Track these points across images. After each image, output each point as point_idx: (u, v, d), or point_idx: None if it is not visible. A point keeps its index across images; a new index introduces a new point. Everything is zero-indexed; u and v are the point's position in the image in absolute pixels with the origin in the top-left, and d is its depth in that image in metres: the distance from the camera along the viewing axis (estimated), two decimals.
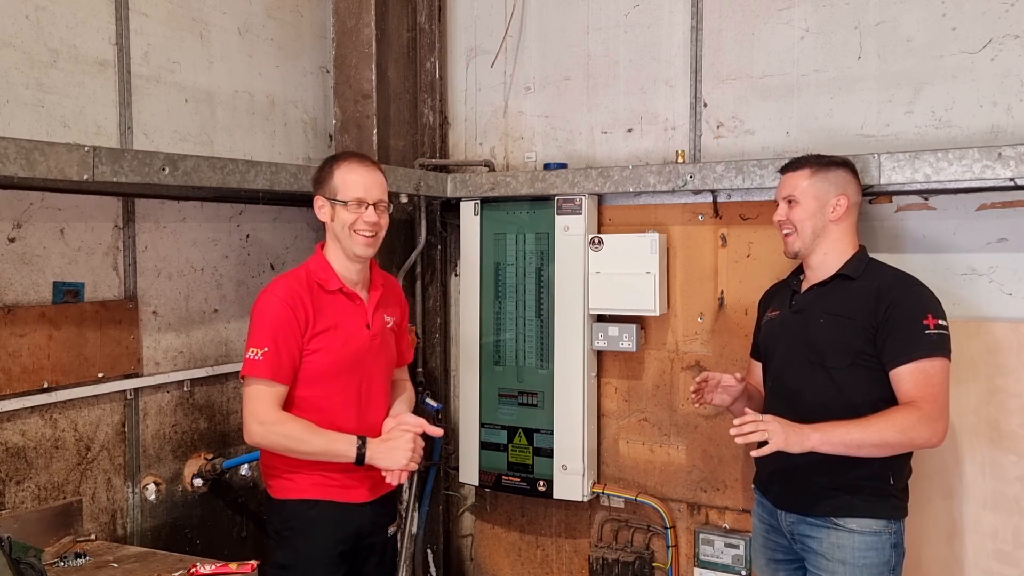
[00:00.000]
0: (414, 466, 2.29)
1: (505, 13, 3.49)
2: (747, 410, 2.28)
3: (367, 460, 2.23)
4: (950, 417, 2.22)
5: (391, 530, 2.50)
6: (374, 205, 2.30)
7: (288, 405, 2.26)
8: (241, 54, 3.02)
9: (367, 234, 2.29)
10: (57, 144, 2.13)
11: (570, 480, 3.22)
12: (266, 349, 2.19)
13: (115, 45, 2.58)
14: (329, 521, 2.30)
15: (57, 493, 2.43)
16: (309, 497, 2.28)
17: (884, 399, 2.23)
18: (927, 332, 2.20)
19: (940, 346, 2.20)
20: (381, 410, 2.42)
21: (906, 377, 2.20)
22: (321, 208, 2.33)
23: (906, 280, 2.33)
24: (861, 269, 2.35)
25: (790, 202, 2.39)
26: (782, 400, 2.39)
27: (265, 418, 2.19)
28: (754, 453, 2.18)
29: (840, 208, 2.35)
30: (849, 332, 2.28)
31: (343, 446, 2.23)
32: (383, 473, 2.28)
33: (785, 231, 2.41)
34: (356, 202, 2.28)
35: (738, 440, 2.17)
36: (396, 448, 2.27)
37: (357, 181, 2.30)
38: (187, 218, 2.84)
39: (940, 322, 2.22)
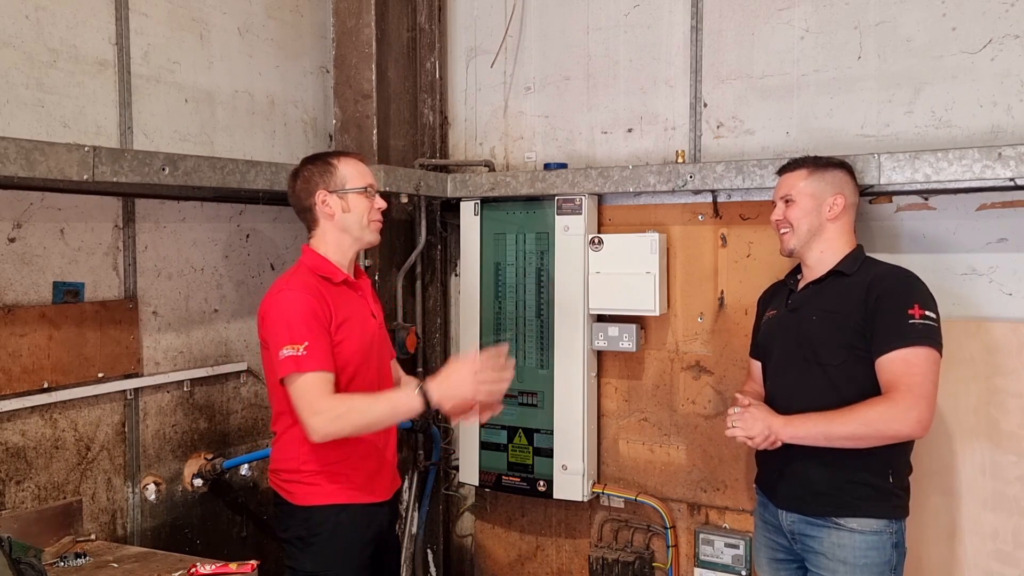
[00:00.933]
0: (483, 396, 2.14)
1: (505, 13, 3.49)
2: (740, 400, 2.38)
3: (435, 402, 2.10)
4: (937, 410, 2.20)
5: (396, 527, 2.56)
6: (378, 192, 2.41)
7: None
8: (241, 54, 3.02)
9: (379, 220, 2.38)
10: (57, 144, 2.13)
11: (570, 480, 3.22)
12: (307, 343, 2.13)
13: (115, 45, 2.58)
14: (357, 524, 2.29)
15: (57, 493, 2.43)
16: (337, 502, 2.26)
17: (879, 393, 2.23)
18: (911, 322, 2.18)
19: (925, 335, 2.18)
20: None
21: (886, 367, 2.19)
22: (324, 202, 2.30)
23: (897, 273, 2.33)
24: (856, 266, 2.35)
25: (787, 202, 2.40)
26: (779, 398, 2.40)
27: (326, 407, 2.11)
28: (728, 432, 2.34)
29: (837, 207, 2.36)
30: (842, 328, 2.28)
31: (404, 399, 2.14)
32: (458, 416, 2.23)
33: (782, 230, 2.43)
34: (371, 187, 2.36)
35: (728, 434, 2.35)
36: (459, 382, 2.11)
37: (363, 169, 2.38)
38: (187, 218, 2.84)
39: (927, 312, 2.21)
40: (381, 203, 2.38)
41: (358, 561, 2.29)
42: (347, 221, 2.31)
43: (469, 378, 2.11)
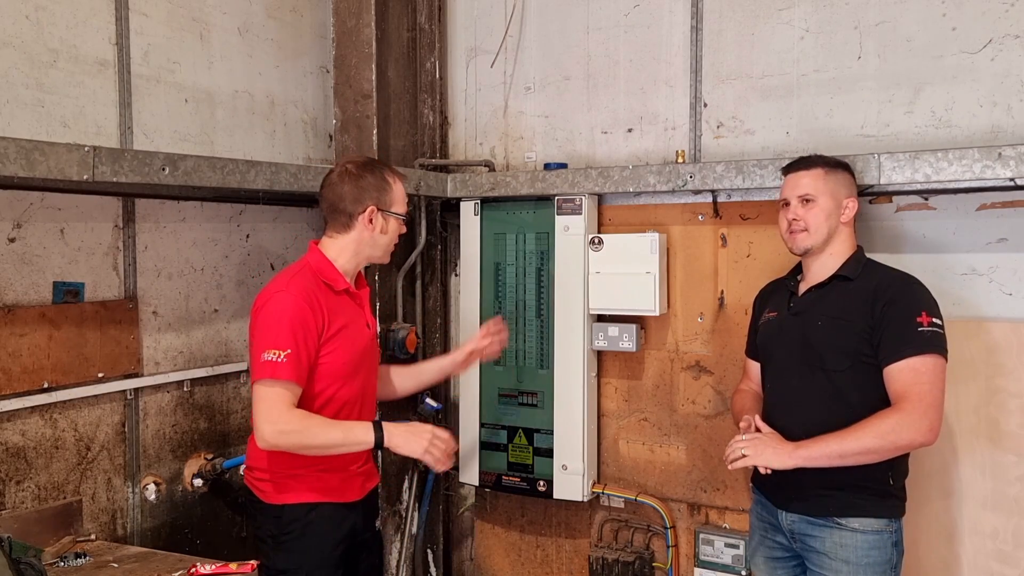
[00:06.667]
0: (429, 458, 2.25)
1: (505, 13, 3.49)
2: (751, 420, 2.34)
3: (385, 443, 2.21)
4: (943, 415, 2.20)
5: (377, 524, 2.54)
6: None
7: (301, 405, 2.23)
8: (241, 54, 3.02)
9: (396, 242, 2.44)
10: (57, 144, 2.12)
11: (570, 480, 3.22)
12: (289, 351, 2.14)
13: (115, 45, 2.58)
14: (328, 522, 2.30)
15: (57, 493, 2.43)
16: (307, 500, 2.28)
17: (883, 400, 2.22)
18: (920, 329, 2.19)
19: (933, 343, 2.19)
20: (373, 410, 2.47)
21: (896, 376, 2.19)
22: (372, 219, 2.32)
23: (902, 279, 2.32)
24: (859, 270, 2.34)
25: (805, 200, 2.36)
26: (781, 403, 2.39)
27: (282, 419, 2.15)
28: (731, 467, 2.27)
29: (850, 211, 2.36)
30: (848, 334, 2.27)
31: (361, 432, 2.22)
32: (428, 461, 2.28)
33: (796, 230, 2.37)
34: (407, 215, 2.43)
35: (731, 467, 2.28)
36: (413, 435, 2.25)
37: (404, 195, 2.43)
38: (187, 218, 2.84)
39: (934, 320, 2.21)
40: (403, 229, 2.43)
41: (329, 559, 2.30)
42: (379, 241, 2.36)
43: (424, 441, 2.23)
